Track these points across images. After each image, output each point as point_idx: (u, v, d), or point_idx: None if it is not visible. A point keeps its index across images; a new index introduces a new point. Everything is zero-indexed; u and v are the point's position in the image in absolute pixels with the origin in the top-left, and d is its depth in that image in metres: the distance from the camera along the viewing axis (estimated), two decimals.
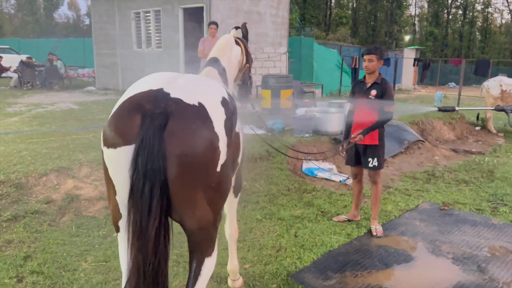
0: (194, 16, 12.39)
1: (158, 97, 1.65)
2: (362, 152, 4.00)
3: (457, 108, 2.71)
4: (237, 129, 2.14)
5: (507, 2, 46.07)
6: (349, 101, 4.32)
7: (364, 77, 4.01)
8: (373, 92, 3.83)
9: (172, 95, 1.66)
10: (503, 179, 5.79)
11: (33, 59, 16.10)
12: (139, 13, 13.48)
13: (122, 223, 1.72)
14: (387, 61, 14.04)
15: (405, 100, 16.57)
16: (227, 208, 2.91)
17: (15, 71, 15.48)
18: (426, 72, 12.85)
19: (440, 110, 2.98)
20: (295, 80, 12.28)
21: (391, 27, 40.13)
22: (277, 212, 4.43)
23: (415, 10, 51.50)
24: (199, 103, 1.69)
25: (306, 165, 6.02)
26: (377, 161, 3.92)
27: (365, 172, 4.20)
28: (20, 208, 3.90)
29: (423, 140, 7.65)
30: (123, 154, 1.60)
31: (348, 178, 5.77)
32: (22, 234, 3.58)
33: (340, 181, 5.62)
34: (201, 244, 1.84)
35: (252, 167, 5.55)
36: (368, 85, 3.90)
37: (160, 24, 12.88)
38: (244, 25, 3.15)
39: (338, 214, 4.44)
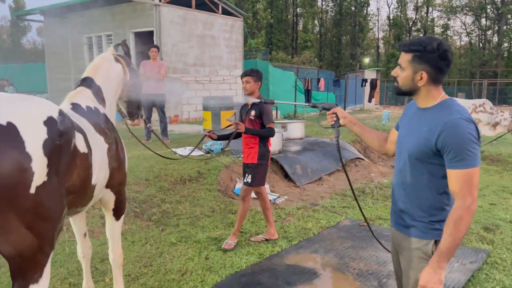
0: (146, 40, 12.45)
1: None
2: (244, 170, 4.16)
3: (275, 102, 2.87)
4: (82, 149, 2.09)
5: (465, 26, 48.55)
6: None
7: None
8: (253, 112, 3.99)
9: None
10: None
11: None
12: (91, 37, 13.43)
13: None
14: (336, 83, 14.56)
15: (363, 119, 16.98)
16: (108, 232, 2.83)
17: None
18: (374, 92, 13.23)
19: (261, 102, 3.19)
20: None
21: (354, 50, 41.49)
22: (194, 235, 4.34)
23: (378, 33, 53.53)
24: (8, 123, 1.64)
25: (239, 185, 5.99)
26: (251, 178, 4.02)
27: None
28: None
29: (362, 157, 7.78)
30: None
31: (278, 197, 5.78)
32: None
33: (270, 200, 5.59)
34: (23, 270, 1.75)
35: (179, 189, 5.48)
36: (249, 106, 4.06)
37: None
38: (124, 42, 3.15)
39: (258, 234, 4.41)
